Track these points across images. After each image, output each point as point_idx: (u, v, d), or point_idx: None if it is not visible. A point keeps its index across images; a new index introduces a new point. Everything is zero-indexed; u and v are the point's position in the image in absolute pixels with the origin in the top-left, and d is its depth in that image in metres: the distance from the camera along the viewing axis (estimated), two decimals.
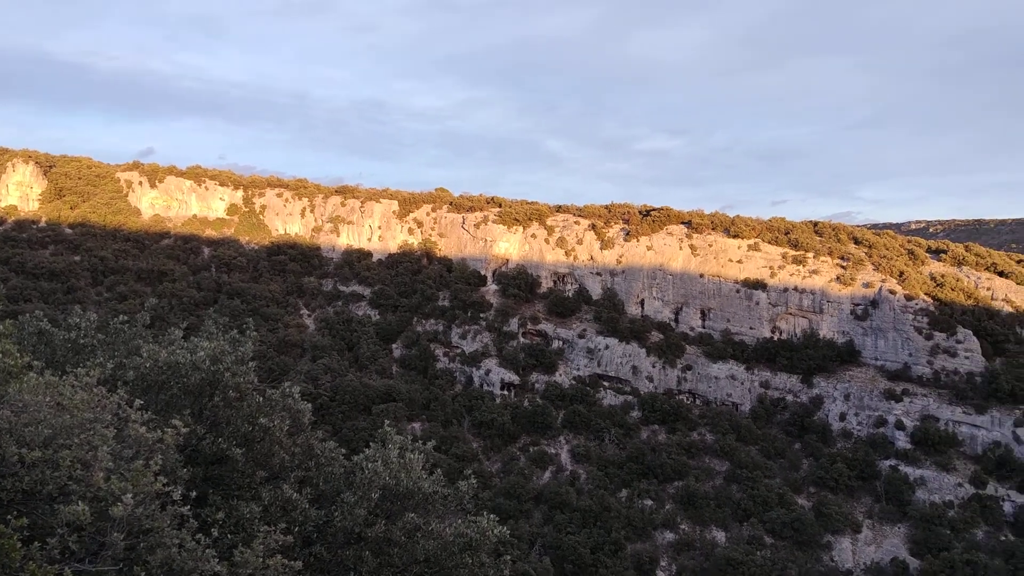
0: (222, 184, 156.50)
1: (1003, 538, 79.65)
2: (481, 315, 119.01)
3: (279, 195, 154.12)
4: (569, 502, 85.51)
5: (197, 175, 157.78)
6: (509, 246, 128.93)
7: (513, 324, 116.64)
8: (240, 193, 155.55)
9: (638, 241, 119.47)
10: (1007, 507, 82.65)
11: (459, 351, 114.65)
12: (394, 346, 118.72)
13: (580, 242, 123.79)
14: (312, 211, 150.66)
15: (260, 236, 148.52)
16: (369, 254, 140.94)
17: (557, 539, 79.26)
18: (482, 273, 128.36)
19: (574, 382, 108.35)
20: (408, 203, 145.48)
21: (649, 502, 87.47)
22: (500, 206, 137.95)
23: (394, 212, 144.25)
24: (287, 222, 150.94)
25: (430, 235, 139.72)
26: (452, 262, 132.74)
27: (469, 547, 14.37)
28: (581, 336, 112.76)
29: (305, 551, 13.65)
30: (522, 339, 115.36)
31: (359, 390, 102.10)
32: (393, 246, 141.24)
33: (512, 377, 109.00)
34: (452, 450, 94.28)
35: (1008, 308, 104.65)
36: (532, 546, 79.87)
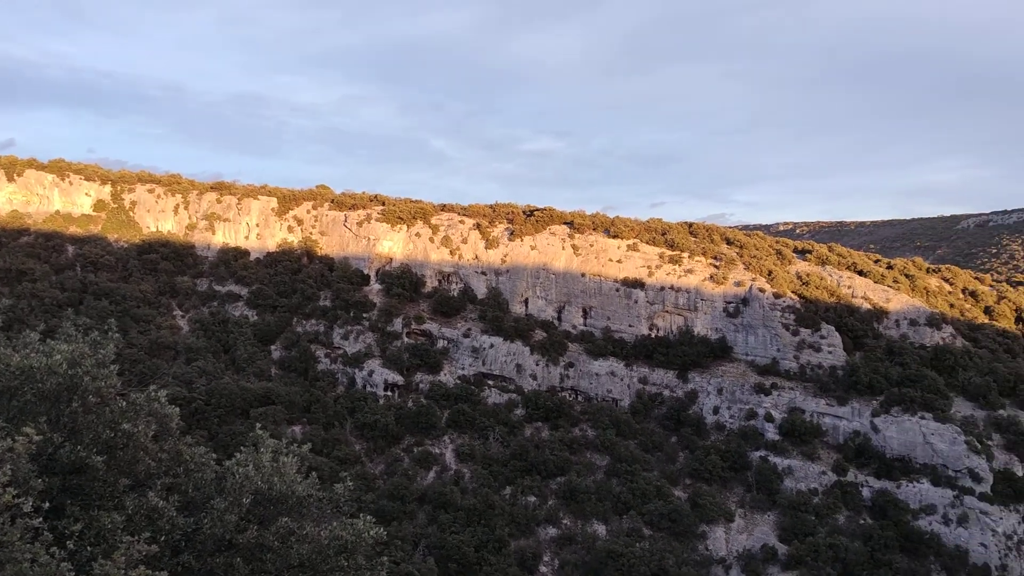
0: (88, 179, 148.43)
1: (862, 522, 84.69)
2: (364, 315, 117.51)
3: (151, 191, 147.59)
4: (453, 501, 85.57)
5: (60, 169, 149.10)
6: (393, 245, 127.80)
7: (397, 324, 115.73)
8: (108, 189, 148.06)
9: (522, 241, 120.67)
10: (866, 492, 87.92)
11: (341, 352, 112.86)
12: (273, 347, 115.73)
13: (465, 241, 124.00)
14: (186, 208, 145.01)
15: (130, 234, 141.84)
16: (246, 253, 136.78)
17: (441, 539, 79.18)
18: (365, 272, 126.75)
19: (459, 381, 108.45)
20: (288, 200, 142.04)
21: (532, 498, 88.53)
22: (384, 204, 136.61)
23: (273, 209, 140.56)
24: (159, 219, 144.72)
25: (311, 233, 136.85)
26: (334, 261, 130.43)
27: (345, 549, 14.17)
28: (466, 335, 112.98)
29: (172, 561, 13.16)
30: (406, 339, 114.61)
31: (236, 393, 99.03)
32: (272, 244, 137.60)
33: (396, 378, 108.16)
34: (334, 453, 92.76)
35: (866, 305, 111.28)
36: (416, 547, 79.52)
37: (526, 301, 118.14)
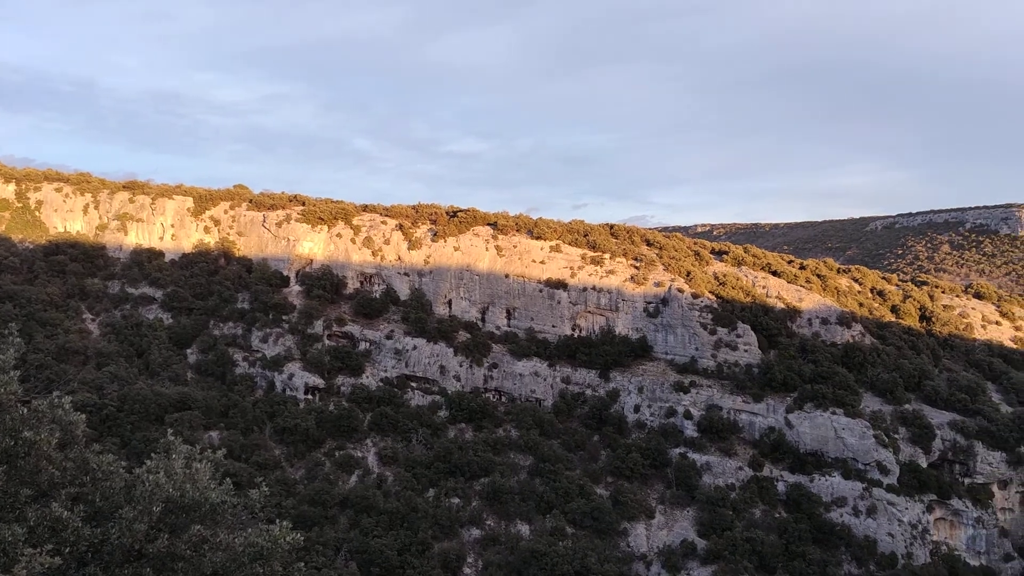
0: None
1: (777, 515, 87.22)
2: (284, 317, 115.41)
3: (58, 190, 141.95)
4: (376, 505, 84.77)
5: None
6: (313, 246, 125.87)
7: (318, 326, 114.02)
8: (12, 187, 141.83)
9: (445, 242, 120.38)
10: (780, 487, 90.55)
11: (260, 355, 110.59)
12: (189, 351, 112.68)
13: (387, 242, 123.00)
14: (96, 208, 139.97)
15: (36, 234, 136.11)
16: (161, 254, 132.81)
17: (364, 543, 78.35)
18: (285, 274, 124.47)
19: (381, 384, 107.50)
20: (204, 200, 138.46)
21: (456, 500, 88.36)
22: (304, 204, 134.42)
23: (189, 209, 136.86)
24: (67, 219, 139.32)
25: (228, 234, 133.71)
26: (252, 262, 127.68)
27: (260, 556, 13.88)
28: (389, 337, 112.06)
29: (78, 573, 12.71)
30: (327, 341, 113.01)
31: (150, 399, 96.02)
32: (188, 245, 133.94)
33: (317, 381, 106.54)
34: (253, 458, 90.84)
35: (780, 304, 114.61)
36: (338, 552, 78.46)
37: (450, 302, 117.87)
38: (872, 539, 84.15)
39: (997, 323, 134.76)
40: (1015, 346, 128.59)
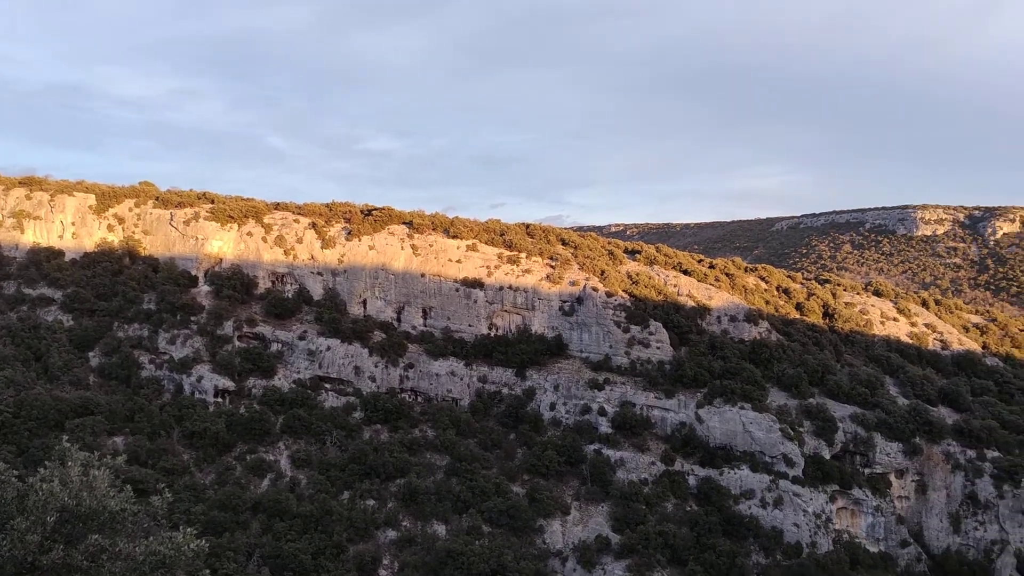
0: None
1: (688, 508, 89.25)
2: (192, 318, 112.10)
3: None
4: (289, 509, 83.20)
5: None
6: (223, 245, 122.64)
7: (228, 327, 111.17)
8: None
9: (360, 241, 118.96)
10: (691, 480, 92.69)
11: (167, 357, 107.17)
12: (91, 354, 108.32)
13: (300, 241, 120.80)
14: None
15: None
16: (61, 253, 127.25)
17: (276, 548, 76.83)
18: (193, 273, 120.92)
19: (294, 385, 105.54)
20: (108, 197, 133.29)
21: (372, 502, 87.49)
22: (213, 202, 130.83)
23: (91, 207, 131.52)
24: None
25: (133, 233, 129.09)
26: (159, 262, 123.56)
27: (163, 565, 13.44)
28: (302, 338, 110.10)
29: None
30: (238, 343, 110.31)
31: (49, 404, 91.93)
32: (90, 244, 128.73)
33: (227, 383, 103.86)
34: (160, 464, 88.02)
35: (691, 303, 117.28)
36: (250, 558, 76.72)
37: (364, 302, 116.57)
38: (779, 529, 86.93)
39: (895, 319, 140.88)
40: (911, 341, 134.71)
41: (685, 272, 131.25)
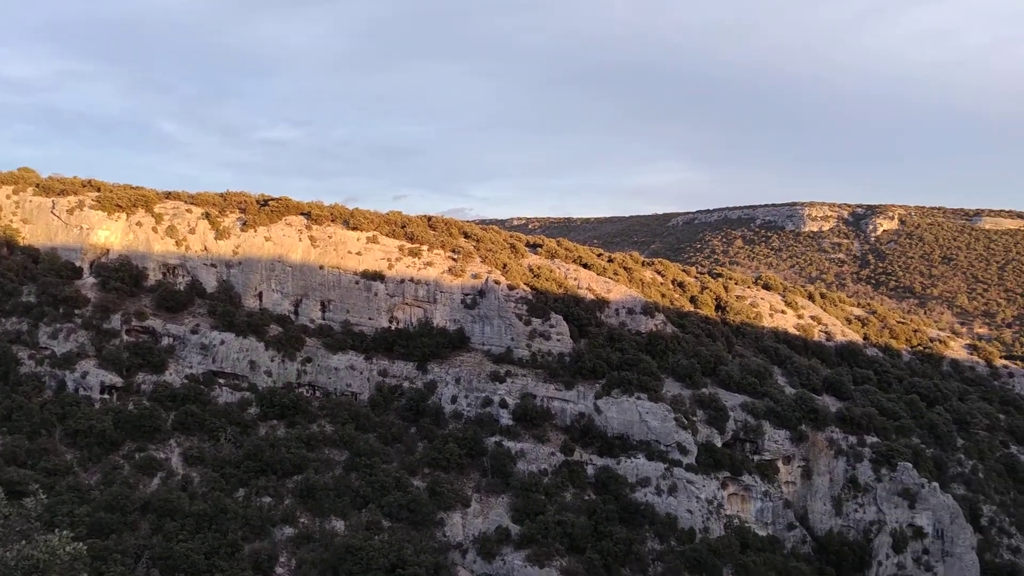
0: None
1: (587, 498, 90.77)
2: (76, 312, 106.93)
3: None
4: (181, 508, 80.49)
5: None
6: (110, 235, 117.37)
7: (115, 321, 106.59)
8: None
9: (256, 231, 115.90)
10: (590, 470, 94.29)
11: (49, 353, 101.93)
12: None
13: (193, 231, 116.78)
14: None
15: None
16: None
17: (167, 548, 74.26)
18: (77, 265, 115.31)
19: (187, 381, 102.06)
20: None
21: (268, 499, 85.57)
22: (99, 190, 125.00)
23: None
24: None
25: (11, 221, 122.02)
26: (39, 252, 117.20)
27: (36, 569, 12.76)
28: (194, 332, 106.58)
29: None
30: (126, 337, 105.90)
31: None
32: None
33: (114, 379, 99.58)
34: (40, 464, 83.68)
35: (590, 296, 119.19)
36: (138, 559, 73.90)
37: (260, 295, 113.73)
38: (673, 516, 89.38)
39: (783, 312, 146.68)
40: (798, 333, 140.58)
41: (585, 266, 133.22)
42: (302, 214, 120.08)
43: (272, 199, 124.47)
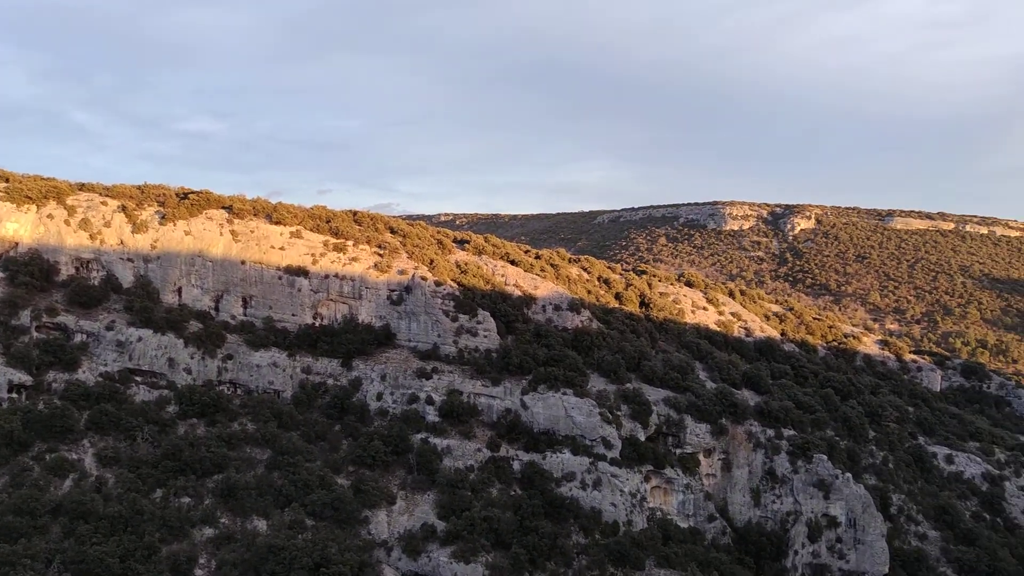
0: None
1: (513, 493, 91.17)
2: None
3: None
4: (95, 510, 77.87)
5: None
6: (19, 228, 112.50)
7: (24, 317, 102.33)
8: None
9: (175, 225, 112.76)
10: (516, 465, 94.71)
11: None
12: None
13: (108, 225, 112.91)
14: None
15: None
16: None
17: (80, 552, 71.78)
18: None
19: (101, 379, 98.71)
20: None
21: (187, 499, 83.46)
22: (8, 181, 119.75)
23: None
24: None
25: None
26: None
27: None
28: (109, 328, 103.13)
29: None
30: (36, 334, 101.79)
31: None
32: None
33: (23, 377, 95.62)
34: None
35: (518, 292, 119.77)
36: (50, 564, 71.33)
37: (179, 290, 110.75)
38: (598, 510, 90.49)
39: (704, 308, 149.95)
40: (718, 329, 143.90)
41: (512, 262, 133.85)
42: (224, 208, 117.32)
43: (192, 192, 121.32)
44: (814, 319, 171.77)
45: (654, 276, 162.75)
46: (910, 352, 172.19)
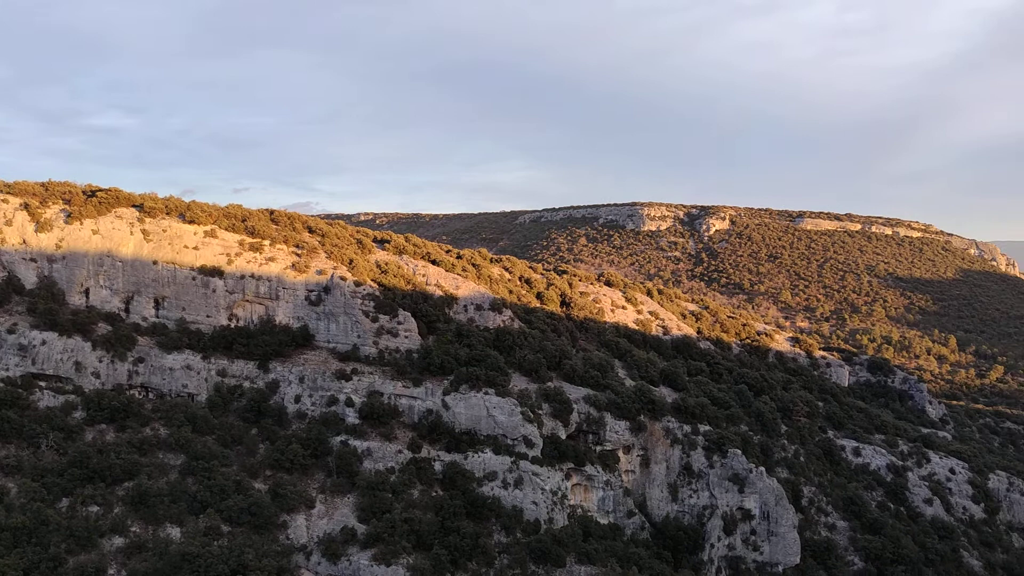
0: None
1: (434, 494, 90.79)
2: None
3: None
4: None
5: None
6: None
7: None
8: None
9: (82, 224, 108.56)
10: (438, 466, 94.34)
11: None
12: None
13: (9, 223, 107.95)
14: None
15: None
16: None
17: None
18: None
19: (2, 384, 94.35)
20: None
21: (96, 508, 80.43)
22: None
23: None
24: None
25: None
26: None
27: None
28: (11, 331, 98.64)
29: None
30: None
31: None
32: None
33: None
34: None
35: (439, 292, 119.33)
36: None
37: (87, 291, 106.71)
38: (519, 508, 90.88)
39: (623, 307, 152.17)
40: (637, 327, 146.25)
41: (434, 262, 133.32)
42: (134, 206, 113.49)
43: (101, 190, 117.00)
44: (728, 317, 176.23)
45: (575, 276, 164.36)
46: (820, 349, 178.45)
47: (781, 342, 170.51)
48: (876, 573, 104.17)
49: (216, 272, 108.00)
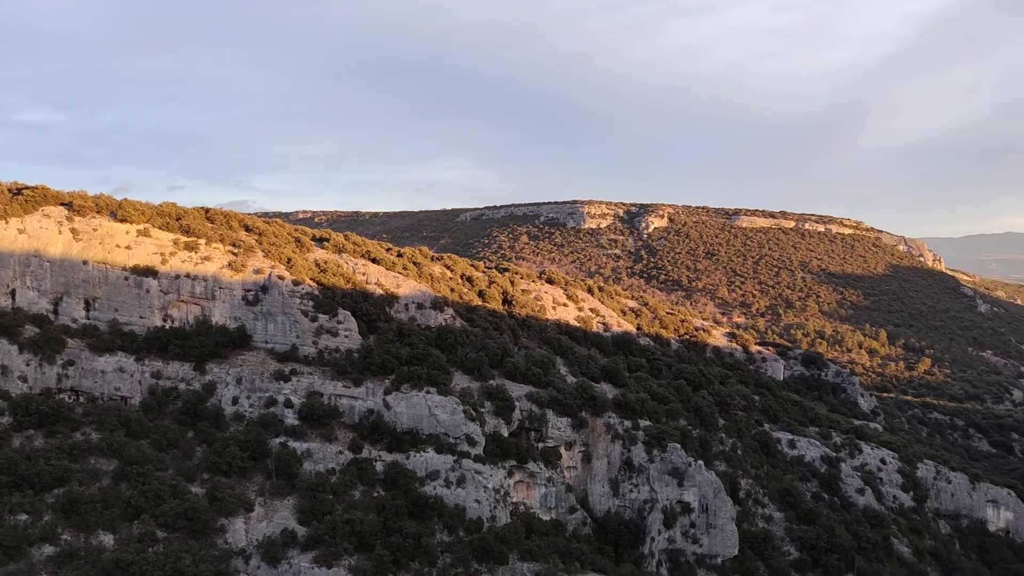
0: None
1: (376, 494, 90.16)
2: None
3: None
4: None
5: None
6: None
7: None
8: None
9: (7, 223, 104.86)
10: (379, 466, 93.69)
11: None
12: None
13: None
14: None
15: None
16: None
17: None
18: None
19: None
20: None
21: (24, 516, 77.88)
22: None
23: None
24: None
25: None
26: None
27: None
28: None
29: None
30: None
31: None
32: None
33: None
34: None
35: (379, 291, 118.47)
36: None
37: (13, 293, 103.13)
38: (462, 507, 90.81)
39: (564, 304, 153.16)
40: (578, 324, 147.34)
41: (374, 260, 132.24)
42: (63, 204, 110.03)
43: (27, 188, 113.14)
44: (667, 314, 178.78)
45: (516, 274, 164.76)
46: (756, 344, 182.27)
47: (718, 337, 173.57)
48: (811, 562, 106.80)
49: (150, 272, 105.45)
